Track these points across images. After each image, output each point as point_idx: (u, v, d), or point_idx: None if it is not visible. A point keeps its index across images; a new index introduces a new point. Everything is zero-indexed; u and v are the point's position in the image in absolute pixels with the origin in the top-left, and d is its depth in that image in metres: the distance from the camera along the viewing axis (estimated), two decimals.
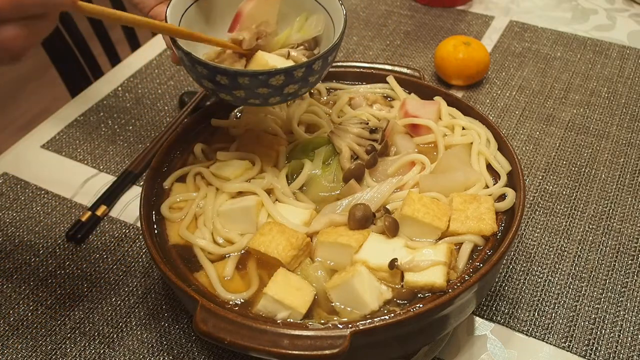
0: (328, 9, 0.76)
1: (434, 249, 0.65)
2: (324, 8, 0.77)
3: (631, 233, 0.87)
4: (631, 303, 0.78)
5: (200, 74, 0.69)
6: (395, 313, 0.61)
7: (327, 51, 0.70)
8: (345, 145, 0.76)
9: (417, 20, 1.33)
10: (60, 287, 0.84)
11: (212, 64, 0.67)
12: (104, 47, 1.54)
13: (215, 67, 0.67)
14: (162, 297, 0.82)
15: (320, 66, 0.70)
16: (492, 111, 1.08)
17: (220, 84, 0.68)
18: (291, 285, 0.64)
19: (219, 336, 0.57)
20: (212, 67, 0.67)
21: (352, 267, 0.64)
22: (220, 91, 0.70)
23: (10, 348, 0.77)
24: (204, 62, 0.67)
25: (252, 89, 0.68)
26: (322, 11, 0.77)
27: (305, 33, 0.78)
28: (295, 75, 0.68)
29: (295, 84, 0.69)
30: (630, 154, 0.99)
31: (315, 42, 0.79)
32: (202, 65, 0.67)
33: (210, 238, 0.71)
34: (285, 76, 0.67)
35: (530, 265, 0.83)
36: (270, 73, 0.66)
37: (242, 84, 0.67)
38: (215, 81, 0.68)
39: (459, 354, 0.74)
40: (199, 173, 0.77)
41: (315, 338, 0.57)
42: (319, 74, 0.71)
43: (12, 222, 0.93)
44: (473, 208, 0.69)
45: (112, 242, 0.89)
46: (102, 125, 1.09)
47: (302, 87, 0.71)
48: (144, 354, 0.76)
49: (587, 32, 1.27)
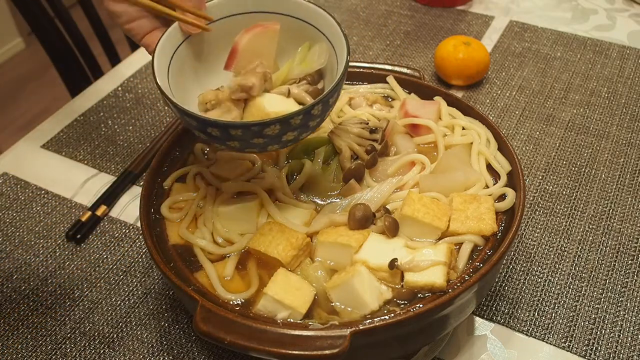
0: (329, 37, 0.70)
1: (434, 249, 0.65)
2: (325, 36, 0.70)
3: (631, 233, 0.87)
4: (631, 303, 0.78)
5: (191, 125, 0.65)
6: (395, 313, 0.61)
7: (327, 94, 0.63)
8: (346, 145, 0.76)
9: (417, 20, 1.33)
10: (60, 287, 0.84)
11: (201, 116, 0.63)
12: (104, 47, 1.54)
13: (204, 120, 0.62)
14: (162, 297, 0.82)
15: (320, 110, 0.64)
16: (492, 111, 1.08)
17: (213, 135, 0.63)
18: (291, 285, 0.64)
19: (219, 336, 0.57)
20: (201, 120, 0.62)
21: (352, 267, 0.64)
22: (213, 142, 0.66)
23: (10, 348, 0.77)
24: (193, 115, 0.62)
25: (247, 140, 0.63)
26: (325, 40, 0.70)
27: (307, 66, 0.72)
28: (292, 123, 0.62)
29: (293, 131, 0.64)
30: (630, 154, 0.99)
31: (319, 74, 0.73)
32: (191, 117, 0.63)
33: (210, 238, 0.71)
34: (281, 125, 0.61)
35: (530, 265, 0.83)
36: (264, 124, 0.61)
37: (235, 135, 0.62)
38: (207, 133, 0.63)
39: (459, 354, 0.74)
40: (199, 173, 0.77)
41: (315, 338, 0.57)
42: (320, 118, 0.65)
43: (12, 222, 0.93)
44: (473, 208, 0.69)
45: (112, 242, 0.89)
46: (102, 125, 1.09)
47: (302, 132, 0.65)
48: (144, 354, 0.76)
49: (587, 32, 1.27)
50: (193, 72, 0.73)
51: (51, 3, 1.41)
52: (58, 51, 1.43)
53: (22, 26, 3.14)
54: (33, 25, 1.38)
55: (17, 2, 1.34)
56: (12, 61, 3.12)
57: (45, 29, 1.38)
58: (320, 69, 0.72)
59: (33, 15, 1.36)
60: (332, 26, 0.69)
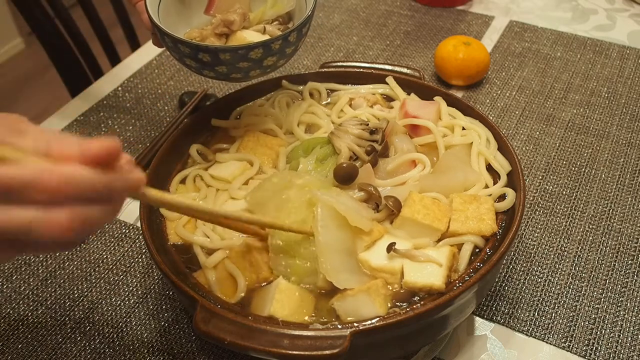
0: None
1: (437, 250, 0.65)
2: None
3: (631, 233, 0.87)
4: (631, 303, 0.78)
5: (183, 53, 0.73)
6: (395, 313, 0.61)
7: (300, 23, 0.74)
8: (345, 146, 0.76)
9: (417, 20, 1.33)
10: (60, 287, 0.84)
11: (194, 42, 0.72)
12: (104, 47, 1.54)
13: (197, 45, 0.72)
14: (162, 297, 0.82)
15: (295, 37, 0.75)
16: (492, 111, 1.08)
17: (203, 61, 0.73)
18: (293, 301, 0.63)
19: (219, 336, 0.57)
20: (194, 45, 0.71)
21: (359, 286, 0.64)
22: (203, 68, 0.74)
23: (10, 348, 0.77)
24: (186, 41, 0.71)
25: (234, 64, 0.73)
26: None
27: (278, 9, 0.83)
28: (272, 47, 0.73)
29: (273, 56, 0.74)
30: (630, 154, 0.99)
31: (289, 16, 0.85)
32: (185, 44, 0.71)
33: (211, 236, 0.71)
34: (263, 49, 0.72)
35: (530, 265, 0.83)
36: (250, 47, 0.71)
37: (224, 59, 0.72)
38: (198, 59, 0.73)
39: (459, 354, 0.74)
40: (198, 175, 0.78)
41: (315, 338, 0.57)
42: (294, 45, 0.76)
43: None
44: (473, 208, 0.69)
45: (112, 242, 0.89)
46: (102, 125, 1.09)
47: (280, 58, 0.76)
48: (144, 354, 0.76)
49: (587, 32, 1.27)
50: (177, 15, 0.83)
51: (51, 3, 1.41)
52: (58, 51, 1.43)
53: (22, 26, 3.14)
54: (33, 25, 1.38)
55: (17, 2, 1.34)
56: (12, 61, 3.12)
57: (45, 29, 1.38)
58: (289, 12, 0.84)
59: (33, 15, 1.36)
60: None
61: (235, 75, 0.75)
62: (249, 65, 0.74)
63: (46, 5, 1.39)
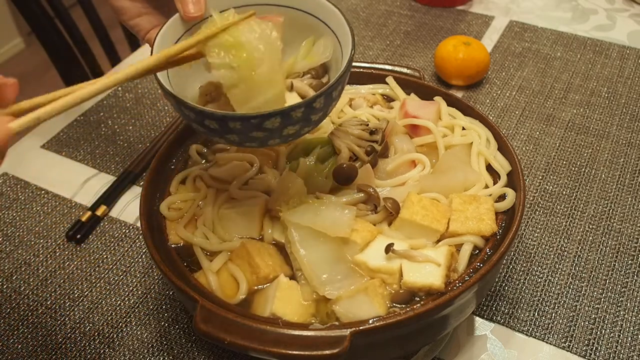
0: (335, 31, 0.67)
1: (435, 250, 0.65)
2: (331, 30, 0.67)
3: (631, 233, 0.87)
4: (631, 303, 0.78)
5: (188, 118, 0.61)
6: (395, 313, 0.61)
7: (329, 86, 0.59)
8: (345, 147, 0.76)
9: (417, 20, 1.33)
10: (60, 287, 0.84)
11: (198, 108, 0.59)
12: (104, 47, 1.55)
13: (201, 111, 0.59)
14: (162, 297, 0.82)
15: (322, 103, 0.60)
16: (492, 111, 1.08)
17: (211, 128, 0.60)
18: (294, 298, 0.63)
19: (219, 336, 0.57)
20: (198, 111, 0.59)
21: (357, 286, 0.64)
22: (212, 135, 0.62)
23: (10, 348, 0.77)
24: (190, 106, 0.59)
25: (246, 133, 0.59)
26: (330, 33, 0.68)
27: (312, 60, 0.69)
28: (293, 116, 0.59)
29: (294, 125, 0.60)
30: (630, 154, 0.99)
31: (324, 68, 0.71)
32: (189, 109, 0.59)
33: (210, 237, 0.71)
34: (281, 118, 0.58)
35: (530, 265, 0.83)
36: (264, 116, 0.57)
37: (234, 128, 0.59)
38: (205, 125, 0.60)
39: (459, 354, 0.74)
40: (199, 175, 0.78)
41: (315, 338, 0.57)
42: (322, 112, 0.62)
43: (12, 222, 0.93)
44: (473, 208, 0.69)
45: (112, 242, 0.89)
46: (102, 125, 1.09)
47: (304, 127, 0.62)
48: (144, 354, 0.76)
49: (587, 32, 1.27)
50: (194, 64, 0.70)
51: (51, 3, 1.41)
52: (58, 51, 1.43)
53: (22, 26, 3.15)
54: (33, 25, 1.38)
55: (17, 2, 1.34)
56: (12, 61, 3.12)
57: (45, 29, 1.39)
58: (324, 63, 0.70)
59: (33, 15, 1.36)
60: (337, 18, 0.66)
61: (250, 144, 0.62)
62: (265, 135, 0.60)
63: (46, 5, 1.39)
